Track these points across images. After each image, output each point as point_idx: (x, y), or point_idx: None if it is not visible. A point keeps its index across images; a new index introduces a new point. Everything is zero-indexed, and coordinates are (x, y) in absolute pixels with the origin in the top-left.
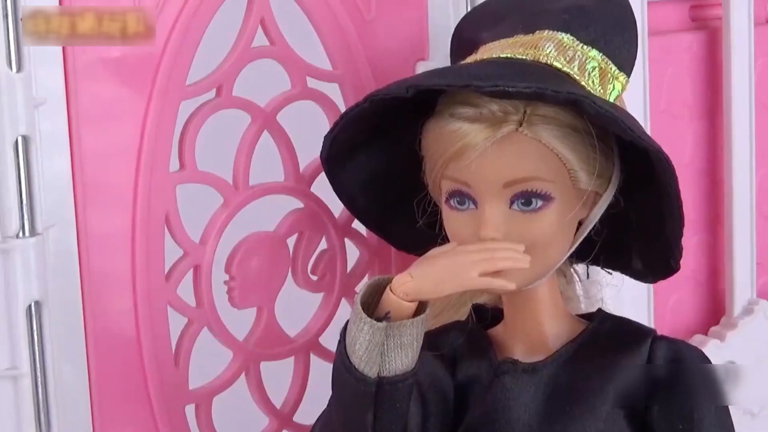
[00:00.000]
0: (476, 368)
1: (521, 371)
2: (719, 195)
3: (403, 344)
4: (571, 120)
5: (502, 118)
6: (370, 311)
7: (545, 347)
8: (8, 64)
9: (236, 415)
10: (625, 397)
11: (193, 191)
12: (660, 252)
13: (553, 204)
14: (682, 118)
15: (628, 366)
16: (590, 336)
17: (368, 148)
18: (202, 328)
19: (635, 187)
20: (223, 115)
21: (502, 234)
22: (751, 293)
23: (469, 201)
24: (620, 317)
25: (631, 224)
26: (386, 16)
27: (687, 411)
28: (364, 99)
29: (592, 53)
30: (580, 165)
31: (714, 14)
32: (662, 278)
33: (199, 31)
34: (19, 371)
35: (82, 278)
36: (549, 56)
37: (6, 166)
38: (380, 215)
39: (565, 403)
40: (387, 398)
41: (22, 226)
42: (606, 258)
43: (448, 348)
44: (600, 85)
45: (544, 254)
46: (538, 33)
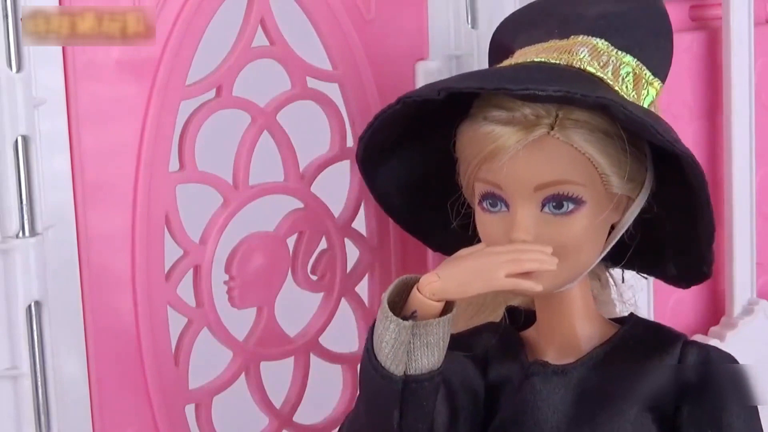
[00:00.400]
0: (507, 369)
1: (551, 373)
2: (719, 195)
3: (429, 343)
4: (603, 124)
5: (535, 121)
6: (396, 310)
7: (577, 350)
8: (8, 64)
9: (236, 415)
10: (653, 401)
11: (193, 191)
12: (693, 257)
13: (584, 207)
14: (682, 118)
15: (658, 370)
16: (621, 339)
17: (403, 151)
18: (202, 328)
19: (669, 193)
20: (223, 115)
21: (533, 236)
22: (751, 293)
23: (501, 203)
24: (652, 322)
25: (665, 229)
26: (386, 15)
27: (716, 415)
28: (396, 101)
29: (627, 59)
30: (612, 169)
31: (714, 14)
32: (696, 284)
33: (198, 31)
34: (19, 371)
35: (82, 278)
36: (582, 61)
37: (6, 166)
38: (416, 217)
39: (594, 405)
40: (413, 396)
41: (22, 226)
42: (641, 263)
43: (480, 349)
44: (634, 90)
45: (575, 257)
46: (573, 38)
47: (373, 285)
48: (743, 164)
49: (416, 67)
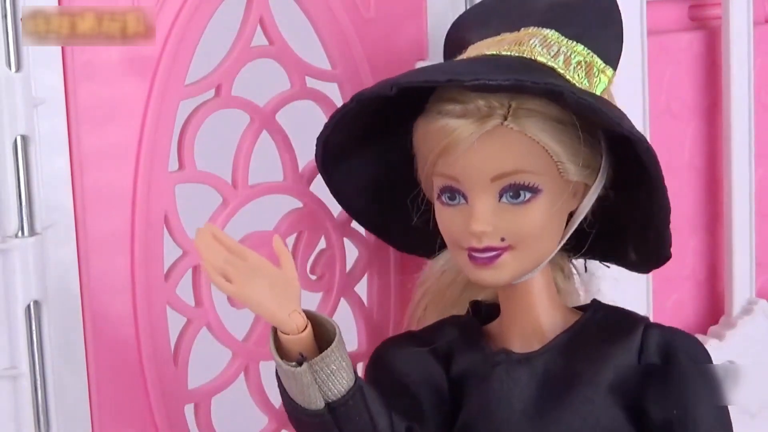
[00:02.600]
0: (471, 361)
1: (515, 361)
2: (718, 194)
3: (332, 371)
4: (557, 113)
5: (488, 112)
6: (287, 357)
7: (541, 338)
8: (7, 64)
9: (235, 415)
10: (618, 384)
11: (193, 191)
12: (652, 241)
13: (541, 196)
14: (682, 117)
15: (621, 354)
16: (584, 325)
17: (363, 150)
18: (201, 328)
19: (625, 178)
20: (222, 114)
21: (492, 226)
22: (750, 293)
23: (459, 196)
24: (614, 306)
25: (624, 216)
26: (385, 15)
27: (681, 395)
28: (350, 99)
29: (578, 48)
30: (567, 157)
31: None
32: (655, 267)
33: (198, 31)
34: (18, 371)
35: (81, 278)
36: (534, 51)
37: (5, 165)
38: (378, 216)
39: (559, 391)
40: (344, 417)
41: (21, 226)
42: (602, 251)
43: (442, 342)
44: (586, 78)
45: (536, 245)
46: (524, 30)
47: (372, 284)
48: (743, 164)
49: (415, 67)
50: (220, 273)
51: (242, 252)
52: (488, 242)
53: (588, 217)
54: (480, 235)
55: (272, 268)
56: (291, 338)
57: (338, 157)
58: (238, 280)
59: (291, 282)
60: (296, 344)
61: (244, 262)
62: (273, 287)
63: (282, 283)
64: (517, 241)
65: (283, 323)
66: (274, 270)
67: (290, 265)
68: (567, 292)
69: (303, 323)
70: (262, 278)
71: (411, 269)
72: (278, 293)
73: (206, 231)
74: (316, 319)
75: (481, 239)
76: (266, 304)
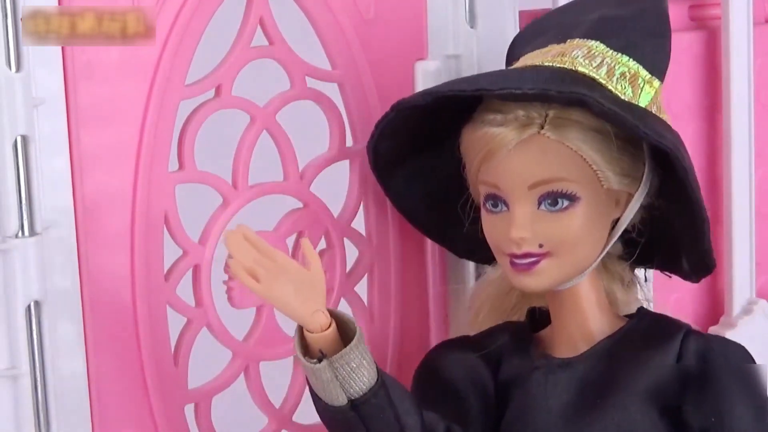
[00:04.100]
0: (517, 366)
1: (555, 366)
2: (718, 194)
3: (353, 368)
4: (595, 122)
5: (526, 121)
6: (310, 354)
7: (587, 345)
8: (7, 64)
9: (235, 415)
10: (657, 392)
11: (193, 191)
12: (698, 251)
13: (579, 204)
14: (681, 117)
15: (660, 360)
16: (626, 333)
17: (418, 157)
18: (202, 328)
19: (672, 188)
20: (222, 114)
21: (531, 233)
22: (750, 293)
23: (501, 203)
24: (659, 314)
25: (675, 225)
26: (385, 15)
27: (719, 404)
28: (390, 108)
29: (623, 59)
30: (605, 165)
31: (713, 14)
32: (704, 276)
33: (198, 31)
34: (18, 371)
35: (82, 278)
36: (575, 62)
37: (5, 166)
38: (436, 223)
39: (597, 397)
40: (367, 414)
41: (22, 226)
42: (659, 261)
43: (493, 348)
44: (630, 89)
45: (574, 253)
46: (569, 42)
47: (373, 285)
48: (742, 164)
49: (415, 67)
50: (249, 273)
51: (272, 253)
52: (527, 248)
53: (637, 227)
54: (519, 241)
55: (300, 268)
56: (314, 336)
57: (393, 165)
58: (265, 279)
59: (317, 282)
60: (319, 342)
61: (273, 263)
62: (299, 287)
63: (308, 283)
64: (555, 247)
65: (306, 322)
66: (301, 271)
67: (317, 266)
68: (626, 302)
69: (326, 322)
70: (289, 278)
71: (412, 269)
72: (303, 293)
73: (237, 232)
74: (340, 319)
75: (520, 245)
76: (291, 303)
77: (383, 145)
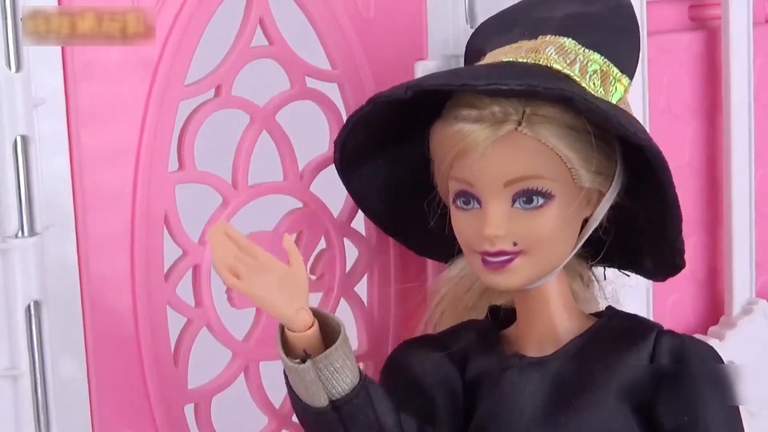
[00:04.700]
0: (485, 364)
1: (527, 365)
2: (718, 194)
3: (336, 369)
4: (571, 120)
5: (502, 118)
6: (292, 354)
7: (555, 343)
8: (7, 64)
9: (235, 415)
10: (630, 390)
11: (193, 191)
12: (666, 249)
13: (554, 201)
14: (682, 117)
15: (633, 359)
16: (597, 331)
17: (381, 154)
18: (202, 328)
19: (641, 186)
20: (222, 114)
21: (505, 231)
22: (750, 293)
23: (473, 200)
24: (628, 313)
25: (640, 224)
26: (385, 15)
27: (692, 402)
28: (366, 102)
29: (594, 56)
30: (580, 163)
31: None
32: (670, 276)
33: (198, 31)
34: (18, 371)
35: (81, 278)
36: (549, 59)
37: (5, 166)
38: (396, 220)
39: (570, 395)
40: (348, 415)
41: (21, 226)
42: (620, 259)
43: (458, 346)
44: (602, 87)
45: (548, 251)
46: (541, 38)
47: (373, 285)
48: (742, 164)
49: (415, 67)
50: (230, 270)
51: (253, 250)
52: (501, 246)
53: (603, 225)
54: (493, 239)
55: (282, 266)
56: (297, 335)
57: (357, 161)
58: (246, 277)
59: (299, 280)
60: (302, 342)
61: (254, 260)
62: (281, 285)
63: (291, 280)
64: (529, 245)
65: (289, 320)
66: (283, 268)
67: (299, 263)
68: (585, 300)
69: (309, 321)
70: (271, 276)
71: (412, 269)
72: (286, 291)
73: (219, 228)
74: (323, 318)
75: (494, 243)
76: (273, 301)
77: (351, 141)
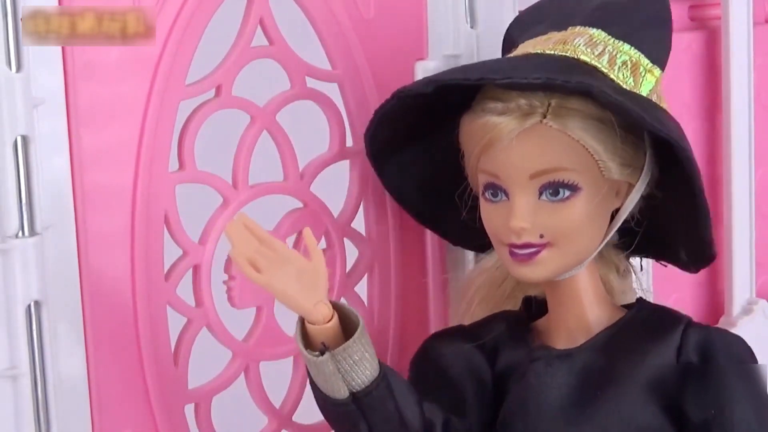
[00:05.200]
0: (515, 356)
1: (554, 357)
2: (718, 194)
3: (355, 361)
4: (596, 111)
5: (528, 110)
6: (312, 347)
7: (585, 335)
8: (7, 64)
9: (235, 415)
10: (657, 382)
11: (193, 191)
12: (698, 240)
13: (581, 194)
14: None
15: (661, 352)
16: (626, 323)
17: (413, 146)
18: (202, 328)
19: (672, 178)
20: (222, 114)
21: (531, 223)
22: (750, 293)
23: (501, 193)
24: (658, 305)
25: (673, 215)
26: (385, 15)
27: (718, 396)
28: (392, 96)
29: (624, 47)
30: (607, 155)
31: (713, 14)
32: (704, 266)
33: (198, 31)
34: (18, 371)
35: (82, 278)
36: (577, 50)
37: (5, 166)
38: (431, 211)
39: (596, 387)
40: (368, 407)
41: (22, 226)
42: (656, 250)
43: (489, 338)
44: (632, 78)
45: (575, 243)
46: (570, 29)
47: (373, 285)
48: (742, 164)
49: (415, 67)
50: (249, 262)
51: (272, 243)
52: (527, 238)
53: (636, 216)
54: (519, 231)
55: (301, 259)
56: (316, 329)
57: (389, 153)
58: (266, 269)
59: (319, 273)
60: (321, 334)
61: (274, 253)
62: (301, 278)
63: (310, 273)
64: (555, 238)
65: (308, 313)
66: (302, 261)
67: (319, 257)
68: (622, 291)
69: (329, 314)
70: (291, 268)
71: (412, 269)
72: (305, 284)
73: (238, 221)
74: (342, 311)
75: (521, 235)
76: (292, 294)
77: (380, 134)
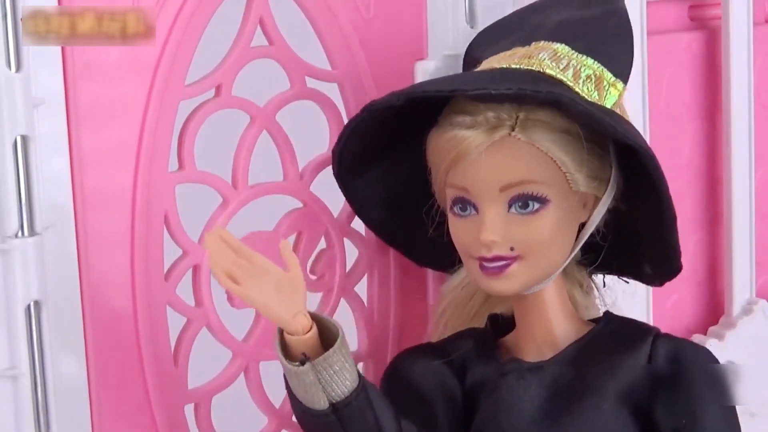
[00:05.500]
0: (484, 371)
1: (525, 370)
2: (718, 194)
3: (335, 371)
4: (564, 124)
5: (496, 123)
6: (291, 357)
7: (553, 349)
8: (7, 64)
9: (235, 415)
10: (628, 394)
11: (193, 191)
12: (664, 253)
13: (550, 206)
14: (681, 117)
15: (631, 362)
16: (595, 336)
17: (379, 162)
18: (201, 328)
19: (637, 191)
20: (222, 114)
21: (501, 236)
22: (750, 293)
23: (470, 207)
24: (626, 318)
25: (638, 228)
26: (385, 15)
27: (690, 406)
28: (361, 110)
29: (588, 61)
30: (575, 167)
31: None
32: (668, 280)
33: (198, 31)
34: (18, 371)
35: (81, 278)
36: (542, 64)
37: (5, 166)
38: (396, 229)
39: (568, 400)
40: (348, 418)
41: (21, 226)
42: (619, 265)
43: (457, 354)
44: (596, 91)
45: (545, 256)
46: (534, 44)
47: (373, 285)
48: (742, 164)
49: (415, 67)
50: (227, 274)
51: (249, 254)
52: (497, 251)
53: (601, 230)
54: (489, 244)
55: (278, 270)
56: (295, 339)
57: (355, 170)
58: (244, 281)
59: (297, 284)
60: (301, 345)
61: (251, 265)
62: (279, 289)
63: (288, 285)
64: (526, 250)
65: (287, 324)
66: (280, 272)
67: (296, 267)
68: (586, 307)
69: (308, 325)
70: (268, 280)
71: (412, 269)
72: (284, 295)
73: (215, 233)
74: (321, 321)
75: (491, 248)
76: (271, 305)
77: (348, 149)
